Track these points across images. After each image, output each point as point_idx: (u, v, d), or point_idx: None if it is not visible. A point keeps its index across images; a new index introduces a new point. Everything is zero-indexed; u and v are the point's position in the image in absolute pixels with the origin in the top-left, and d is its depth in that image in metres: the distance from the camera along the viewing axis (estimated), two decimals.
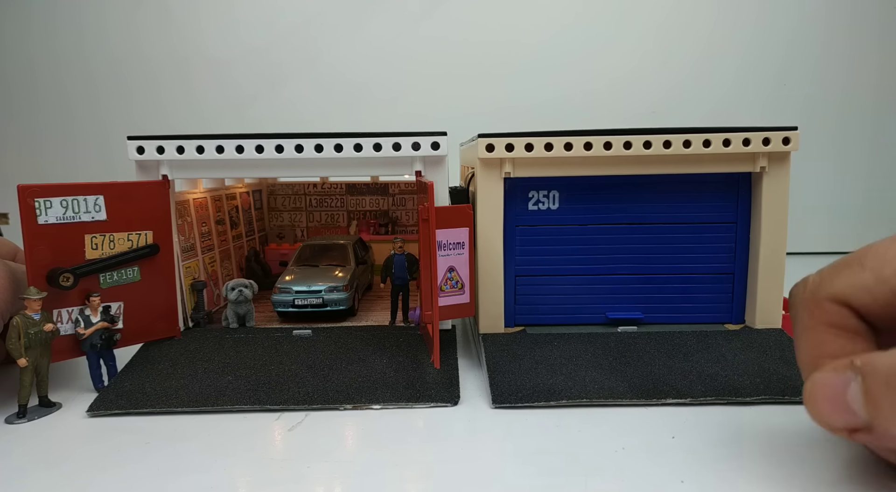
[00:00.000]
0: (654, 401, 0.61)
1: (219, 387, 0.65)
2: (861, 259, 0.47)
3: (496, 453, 0.53)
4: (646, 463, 0.51)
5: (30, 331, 0.61)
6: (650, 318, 0.80)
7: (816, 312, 0.48)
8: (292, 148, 0.76)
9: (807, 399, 0.45)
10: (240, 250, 1.10)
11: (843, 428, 0.43)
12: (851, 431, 0.43)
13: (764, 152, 0.73)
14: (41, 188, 0.66)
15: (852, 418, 0.42)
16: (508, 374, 0.66)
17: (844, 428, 0.43)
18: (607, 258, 0.79)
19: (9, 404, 0.64)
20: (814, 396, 0.44)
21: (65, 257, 0.68)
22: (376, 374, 0.68)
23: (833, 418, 0.43)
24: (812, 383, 0.45)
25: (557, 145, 0.73)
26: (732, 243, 0.79)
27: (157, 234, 0.76)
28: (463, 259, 0.72)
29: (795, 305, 0.51)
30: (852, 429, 0.43)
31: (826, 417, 0.44)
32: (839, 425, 0.43)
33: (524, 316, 0.80)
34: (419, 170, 0.77)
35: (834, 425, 0.44)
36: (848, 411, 0.42)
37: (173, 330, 0.78)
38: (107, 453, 0.54)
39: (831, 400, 0.43)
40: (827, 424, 0.44)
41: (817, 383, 0.44)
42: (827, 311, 0.47)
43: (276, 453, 0.54)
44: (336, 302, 0.88)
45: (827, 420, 0.44)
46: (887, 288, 0.45)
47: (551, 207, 0.79)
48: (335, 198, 1.28)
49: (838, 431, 0.44)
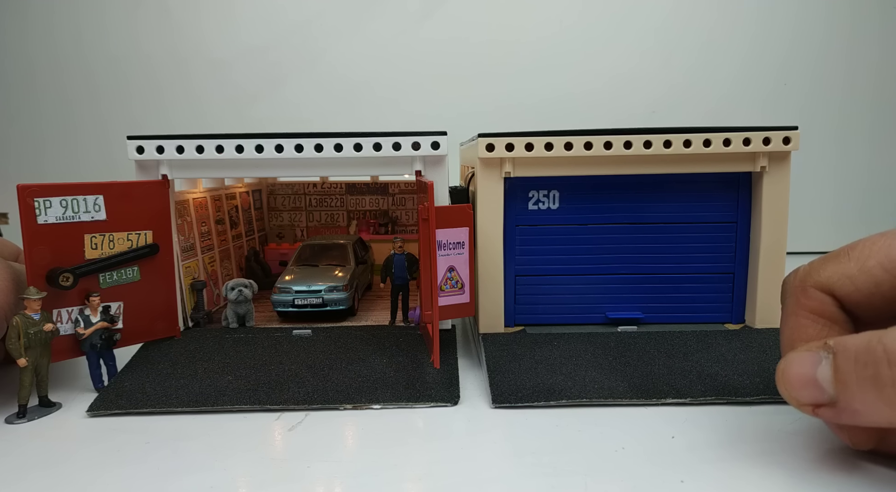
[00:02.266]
0: (653, 401, 0.61)
1: (219, 387, 0.65)
2: (849, 251, 0.50)
3: (496, 453, 0.53)
4: (646, 463, 0.51)
5: (30, 331, 0.61)
6: (650, 318, 0.80)
7: (801, 299, 0.52)
8: (292, 148, 0.76)
9: (779, 375, 0.48)
10: (239, 250, 1.10)
11: (809, 403, 0.46)
12: (816, 406, 0.46)
13: (764, 152, 0.73)
14: (41, 188, 0.66)
15: (819, 395, 0.46)
16: (508, 374, 0.66)
17: (810, 403, 0.46)
18: (607, 258, 0.79)
19: (9, 404, 0.64)
20: (786, 372, 0.47)
21: (64, 257, 0.68)
22: (376, 374, 0.68)
23: (802, 393, 0.46)
24: (786, 361, 0.48)
25: (558, 145, 0.73)
26: (733, 243, 0.79)
27: (157, 233, 0.76)
28: (463, 259, 0.72)
29: (785, 292, 0.54)
30: (817, 404, 0.46)
31: (795, 392, 0.47)
32: (806, 400, 0.46)
33: (524, 316, 0.80)
34: (419, 170, 0.77)
35: (801, 400, 0.47)
36: (816, 388, 0.46)
37: (173, 330, 0.78)
38: (107, 453, 0.54)
39: (802, 377, 0.46)
40: (794, 398, 0.47)
41: (791, 360, 0.47)
42: (811, 298, 0.51)
43: (276, 453, 0.54)
44: (336, 302, 0.88)
45: (796, 395, 0.47)
46: (868, 278, 0.48)
47: (551, 207, 0.79)
48: (335, 198, 1.28)
49: (804, 406, 0.47)
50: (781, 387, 0.48)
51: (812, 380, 0.46)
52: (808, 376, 0.46)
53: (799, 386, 0.47)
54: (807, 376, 0.46)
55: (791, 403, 0.48)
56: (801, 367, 0.47)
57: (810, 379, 0.46)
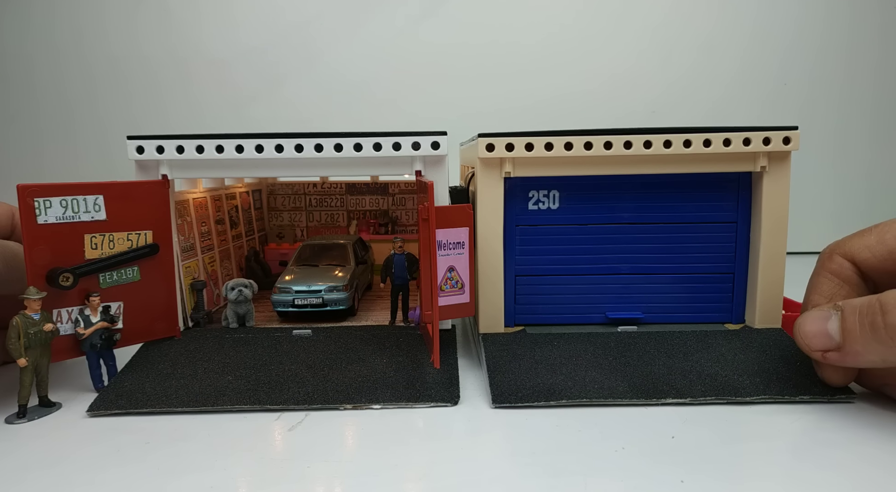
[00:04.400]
0: (654, 401, 0.61)
1: (219, 387, 0.65)
2: (873, 228, 0.64)
3: (496, 453, 0.53)
4: (646, 463, 0.51)
5: (29, 331, 0.61)
6: (650, 318, 0.80)
7: (826, 263, 0.65)
8: (292, 148, 0.76)
9: (796, 329, 0.61)
10: (239, 250, 1.10)
11: (820, 349, 0.59)
12: (825, 351, 0.59)
13: (764, 152, 0.73)
14: (41, 188, 0.66)
15: (829, 342, 0.58)
16: (508, 374, 0.66)
17: (821, 349, 0.59)
18: (607, 258, 0.79)
19: (9, 404, 0.64)
20: (803, 327, 0.60)
21: (64, 257, 0.68)
22: (376, 374, 0.68)
23: (815, 341, 0.59)
24: (802, 318, 0.61)
25: (558, 145, 0.73)
26: (732, 243, 0.79)
27: (157, 233, 0.76)
28: (463, 259, 0.72)
29: (818, 261, 0.67)
30: (826, 350, 0.58)
31: (809, 340, 0.59)
32: (817, 347, 0.59)
33: (524, 316, 0.80)
34: (419, 169, 0.77)
35: (813, 347, 0.59)
36: (827, 337, 0.58)
37: (173, 330, 0.78)
38: (107, 453, 0.54)
39: (816, 330, 0.59)
40: (808, 346, 0.60)
41: (806, 317, 0.60)
42: (834, 262, 0.64)
43: (276, 453, 0.54)
44: (336, 302, 0.88)
45: (809, 343, 0.60)
46: (884, 248, 0.61)
47: (551, 207, 0.79)
48: (335, 198, 1.28)
49: (815, 352, 0.59)
50: (798, 338, 0.60)
51: (824, 331, 0.58)
52: (820, 328, 0.58)
53: (812, 336, 0.59)
54: (820, 329, 0.58)
55: (804, 349, 0.60)
56: (815, 322, 0.59)
57: (822, 330, 0.58)
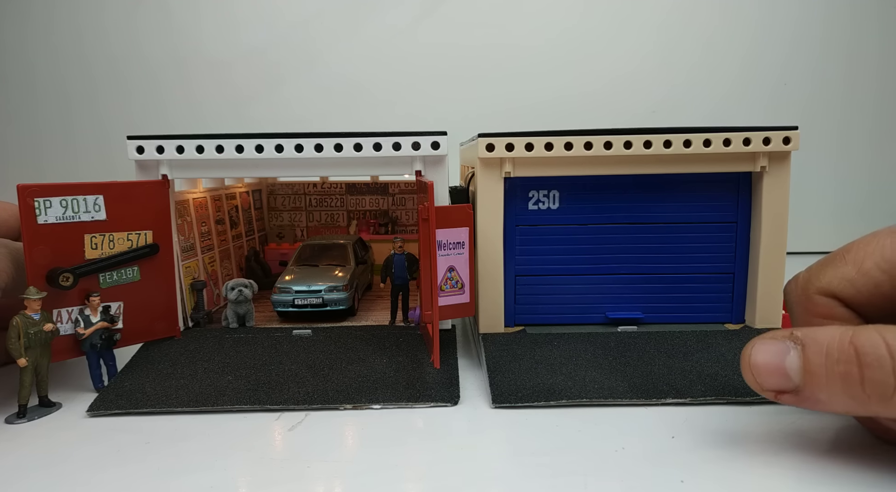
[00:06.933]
0: (653, 401, 0.61)
1: (219, 387, 0.65)
2: (844, 254, 0.52)
3: (496, 453, 0.53)
4: (646, 463, 0.51)
5: (29, 331, 0.61)
6: (650, 318, 0.80)
7: (809, 306, 0.53)
8: (292, 148, 0.76)
9: (744, 361, 0.50)
10: (239, 250, 1.10)
11: (773, 390, 0.48)
12: (779, 393, 0.48)
13: (764, 152, 0.73)
14: (41, 188, 0.66)
15: (785, 382, 0.47)
16: (508, 374, 0.66)
17: (774, 390, 0.48)
18: (607, 258, 0.79)
19: (9, 404, 0.64)
20: (753, 359, 0.49)
21: (64, 257, 0.68)
22: (376, 374, 0.67)
23: (768, 380, 0.48)
24: (752, 349, 0.49)
25: (558, 145, 0.73)
26: (733, 243, 0.79)
27: (157, 233, 0.76)
28: (463, 259, 0.72)
29: (790, 301, 0.56)
30: (781, 391, 0.48)
31: (761, 378, 0.49)
32: (770, 387, 0.48)
33: (524, 316, 0.80)
34: (419, 170, 0.77)
35: (765, 386, 0.49)
36: (783, 376, 0.47)
37: (173, 330, 0.78)
38: (107, 453, 0.54)
39: (769, 365, 0.48)
40: (759, 384, 0.49)
41: (757, 349, 0.49)
42: (817, 304, 0.52)
43: (276, 453, 0.54)
44: (336, 302, 0.88)
45: (761, 381, 0.49)
46: (868, 280, 0.50)
47: (551, 207, 0.79)
48: (335, 198, 1.28)
49: (767, 392, 0.49)
50: (747, 373, 0.50)
51: (779, 368, 0.47)
52: (775, 364, 0.48)
53: (766, 373, 0.48)
54: (774, 365, 0.48)
55: (753, 387, 0.49)
56: (768, 355, 0.48)
57: (777, 367, 0.47)
